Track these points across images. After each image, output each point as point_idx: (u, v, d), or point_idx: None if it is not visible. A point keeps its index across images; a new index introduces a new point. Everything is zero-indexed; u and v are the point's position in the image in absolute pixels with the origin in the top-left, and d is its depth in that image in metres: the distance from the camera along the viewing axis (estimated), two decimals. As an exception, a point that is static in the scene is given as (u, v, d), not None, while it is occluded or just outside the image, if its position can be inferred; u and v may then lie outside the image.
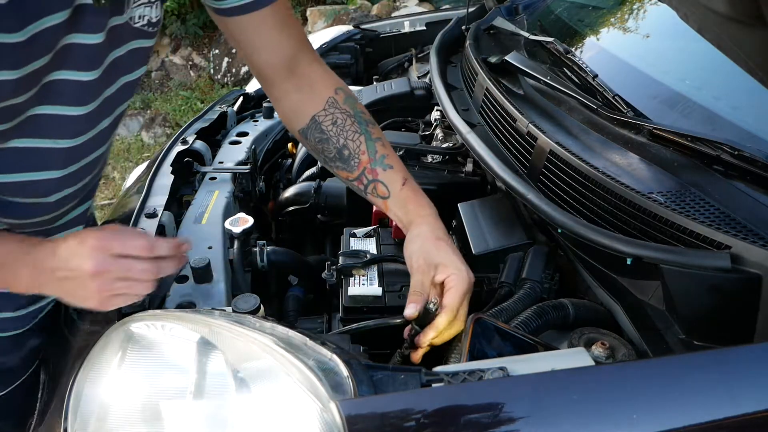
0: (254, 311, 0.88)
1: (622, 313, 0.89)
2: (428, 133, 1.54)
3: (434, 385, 0.69)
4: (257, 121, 1.72)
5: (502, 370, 0.70)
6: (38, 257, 0.80)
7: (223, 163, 1.45)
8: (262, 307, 0.90)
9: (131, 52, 0.89)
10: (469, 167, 1.34)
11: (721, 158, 0.90)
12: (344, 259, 1.11)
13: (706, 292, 0.77)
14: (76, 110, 0.84)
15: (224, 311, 0.89)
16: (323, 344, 0.74)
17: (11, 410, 1.09)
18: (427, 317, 0.88)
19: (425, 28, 2.21)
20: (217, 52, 5.21)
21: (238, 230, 1.11)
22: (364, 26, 2.25)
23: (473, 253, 1.06)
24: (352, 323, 0.97)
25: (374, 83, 1.93)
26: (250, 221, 1.12)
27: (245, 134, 1.62)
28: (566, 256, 1.04)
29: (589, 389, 0.67)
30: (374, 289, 1.04)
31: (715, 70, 1.12)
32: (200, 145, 1.48)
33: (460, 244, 1.13)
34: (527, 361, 0.76)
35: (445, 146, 1.43)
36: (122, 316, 0.85)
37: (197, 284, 1.00)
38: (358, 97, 1.69)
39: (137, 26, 0.87)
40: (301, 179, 1.58)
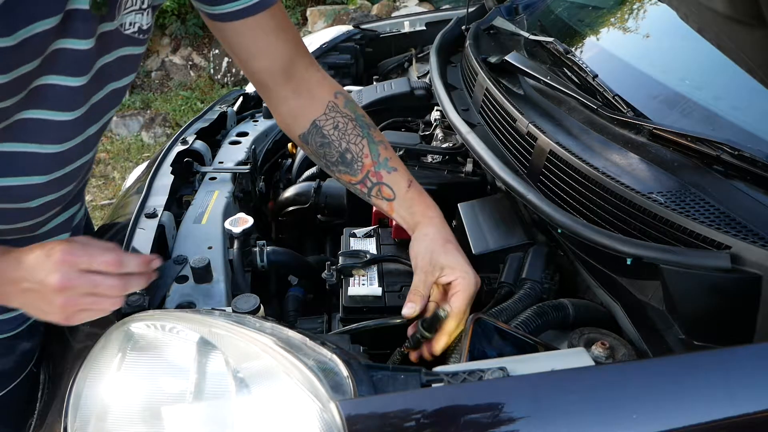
0: (254, 311, 0.88)
1: (622, 313, 0.88)
2: (428, 133, 1.54)
3: (434, 385, 0.69)
4: (257, 121, 1.72)
5: (502, 370, 0.70)
6: (2, 266, 0.77)
7: (223, 163, 1.45)
8: (262, 307, 0.90)
9: (120, 59, 0.88)
10: (469, 167, 1.34)
11: (721, 158, 0.90)
12: (344, 259, 1.11)
13: (706, 292, 0.77)
14: (63, 115, 0.83)
15: (224, 311, 0.89)
16: (323, 344, 0.74)
17: (8, 413, 1.09)
18: (436, 323, 0.88)
19: (425, 28, 2.21)
20: (217, 52, 5.22)
21: (238, 230, 1.11)
22: (364, 26, 2.25)
23: (473, 253, 1.06)
24: (352, 323, 0.97)
25: (374, 83, 1.93)
26: (250, 221, 1.12)
27: (245, 134, 1.62)
28: (566, 256, 1.04)
29: (589, 389, 0.67)
30: (374, 289, 1.04)
31: (715, 70, 1.12)
32: (200, 145, 1.48)
33: (459, 244, 1.13)
34: (527, 361, 0.76)
35: (445, 146, 1.43)
36: (122, 316, 0.85)
37: (197, 284, 1.00)
38: (358, 97, 1.70)
39: (127, 33, 0.86)
40: (301, 179, 1.58)
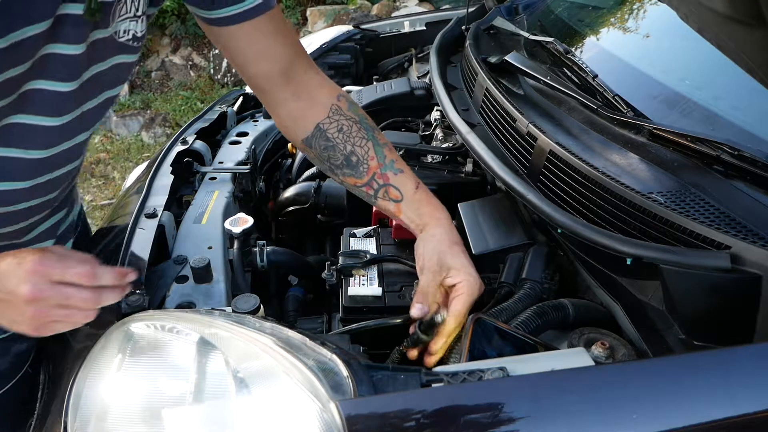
0: (254, 311, 0.88)
1: (622, 313, 0.88)
2: (428, 133, 1.54)
3: (434, 385, 0.69)
4: (257, 121, 1.72)
5: (502, 370, 0.70)
6: None
7: (223, 163, 1.45)
8: (262, 307, 0.90)
9: (114, 66, 0.87)
10: (469, 167, 1.34)
11: (721, 158, 0.90)
12: (344, 259, 1.11)
13: (706, 292, 0.77)
14: (51, 121, 0.83)
15: (224, 311, 0.89)
16: (323, 344, 0.74)
17: (5, 414, 1.09)
18: (434, 327, 0.89)
19: (425, 28, 2.20)
20: (217, 52, 5.22)
21: (237, 230, 1.11)
22: (364, 26, 2.25)
23: (473, 253, 1.06)
24: (352, 323, 0.97)
25: (374, 83, 1.93)
26: (250, 221, 1.12)
27: (245, 134, 1.62)
28: (566, 256, 1.04)
29: (589, 389, 0.67)
30: (374, 289, 1.04)
31: (715, 70, 1.12)
32: (200, 145, 1.48)
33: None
34: (527, 361, 0.76)
35: (445, 146, 1.43)
36: (122, 316, 0.85)
37: (197, 284, 1.00)
38: (358, 97, 1.70)
39: (122, 41, 0.86)
40: (301, 179, 1.58)
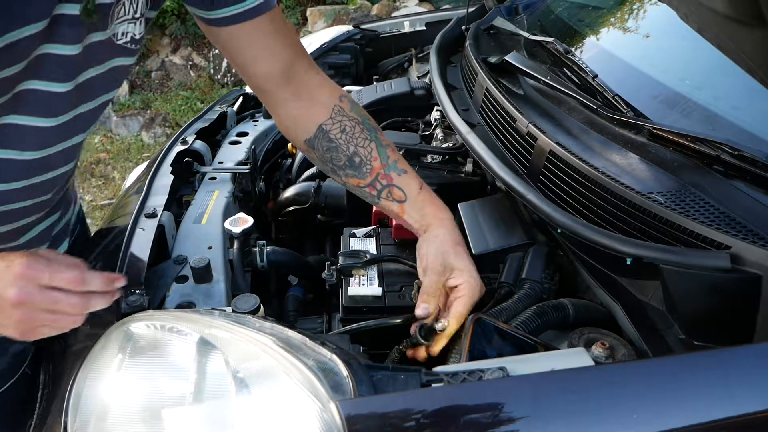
0: (254, 311, 0.88)
1: (622, 313, 0.88)
2: (428, 133, 1.54)
3: (434, 385, 0.69)
4: (257, 121, 1.72)
5: (502, 370, 0.70)
6: None
7: (223, 163, 1.45)
8: (261, 307, 0.90)
9: (112, 69, 0.87)
10: (469, 167, 1.34)
11: (721, 158, 0.90)
12: (344, 259, 1.11)
13: (706, 292, 0.77)
14: (45, 122, 0.82)
15: (224, 311, 0.89)
16: (323, 344, 0.74)
17: (3, 414, 1.08)
18: (432, 333, 0.89)
19: (425, 28, 2.20)
20: (217, 52, 5.22)
21: (237, 230, 1.11)
22: (364, 26, 2.25)
23: (473, 253, 1.06)
24: (352, 323, 0.97)
25: (374, 83, 1.93)
26: (249, 221, 1.12)
27: (245, 134, 1.62)
28: (566, 256, 1.04)
29: (589, 389, 0.67)
30: (374, 289, 1.04)
31: (715, 70, 1.12)
32: (200, 145, 1.48)
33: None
34: (527, 361, 0.76)
35: (445, 146, 1.43)
36: (122, 316, 0.85)
37: (197, 284, 1.00)
38: (358, 97, 1.70)
39: (120, 43, 0.85)
40: (301, 179, 1.57)
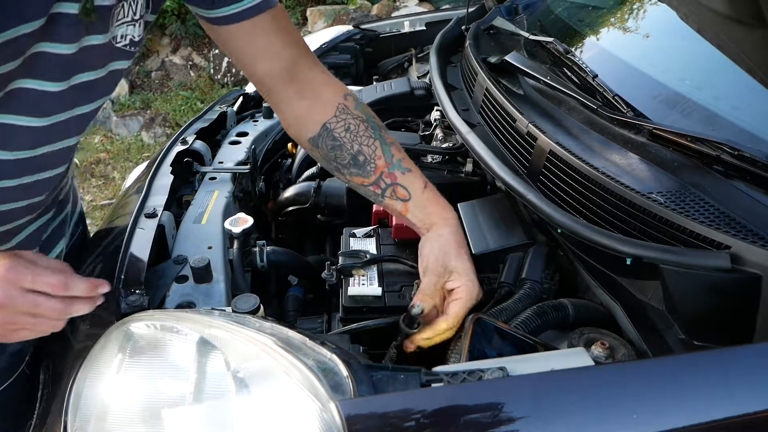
0: (254, 311, 0.88)
1: (622, 313, 0.88)
2: (428, 133, 1.54)
3: (434, 385, 0.69)
4: (257, 121, 1.72)
5: (502, 370, 0.70)
6: None
7: (222, 163, 1.45)
8: (261, 307, 0.90)
9: (110, 73, 0.87)
10: (469, 167, 1.34)
11: (721, 158, 0.90)
12: (344, 259, 1.11)
13: (706, 292, 0.77)
14: (36, 121, 0.82)
15: (224, 311, 0.89)
16: (323, 344, 0.74)
17: (3, 414, 1.08)
18: (413, 320, 0.89)
19: (425, 28, 2.21)
20: (217, 52, 5.22)
21: (237, 230, 1.11)
22: (364, 26, 2.25)
23: (473, 253, 1.06)
24: (352, 323, 0.97)
25: (374, 83, 1.93)
26: (249, 221, 1.12)
27: (245, 134, 1.62)
28: (566, 256, 1.04)
29: (589, 389, 0.67)
30: (374, 289, 1.04)
31: (715, 70, 1.12)
32: (200, 145, 1.48)
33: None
34: (527, 361, 0.76)
35: (445, 146, 1.43)
36: (122, 316, 0.85)
37: (197, 284, 1.00)
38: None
39: (119, 46, 0.85)
40: (301, 179, 1.57)
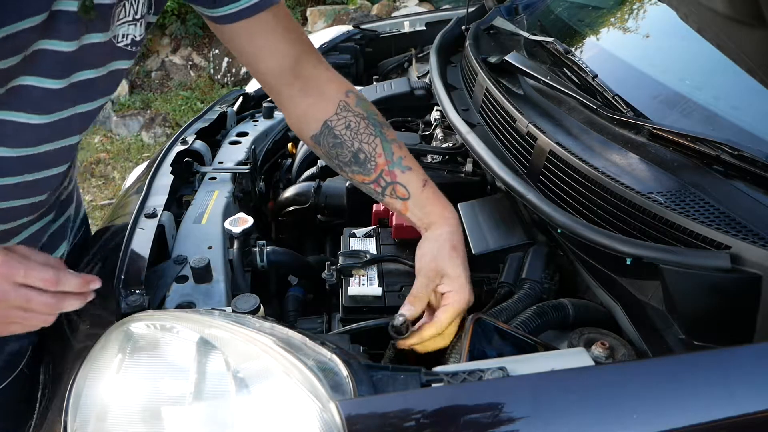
0: (254, 311, 0.88)
1: (622, 313, 0.88)
2: (428, 133, 1.54)
3: (434, 385, 0.69)
4: (257, 121, 1.72)
5: (502, 370, 0.70)
6: None
7: (222, 163, 1.45)
8: (261, 307, 0.90)
9: (111, 72, 0.87)
10: (469, 167, 1.34)
11: (721, 158, 0.90)
12: (344, 259, 1.11)
13: (706, 292, 0.77)
14: (37, 118, 0.82)
15: (224, 311, 0.89)
16: (323, 344, 0.74)
17: (4, 413, 1.08)
18: (400, 327, 0.87)
19: (425, 28, 2.20)
20: (217, 52, 5.22)
21: (237, 230, 1.11)
22: (364, 26, 2.25)
23: (473, 253, 1.06)
24: (352, 323, 0.97)
25: (374, 83, 1.93)
26: (249, 221, 1.12)
27: (245, 134, 1.62)
28: (566, 256, 1.04)
29: (589, 389, 0.67)
30: (374, 289, 1.04)
31: (715, 70, 1.12)
32: (200, 145, 1.48)
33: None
34: (527, 361, 0.76)
35: (445, 146, 1.43)
36: (122, 316, 0.85)
37: (197, 284, 1.00)
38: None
39: (120, 45, 0.85)
40: (301, 179, 1.58)
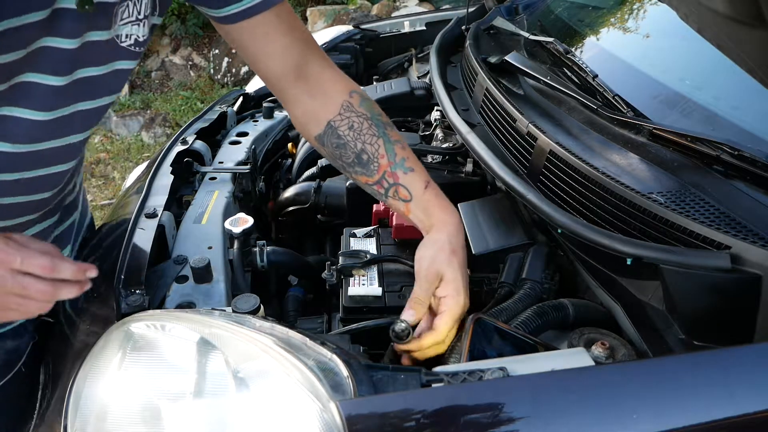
0: (254, 311, 0.88)
1: (622, 313, 0.88)
2: (428, 133, 1.54)
3: (434, 385, 0.69)
4: (257, 121, 1.72)
5: (502, 370, 0.70)
6: None
7: (223, 163, 1.45)
8: (262, 307, 0.90)
9: (114, 72, 0.87)
10: (469, 167, 1.34)
11: (721, 158, 0.90)
12: (344, 259, 1.11)
13: (706, 292, 0.77)
14: (38, 114, 0.82)
15: (224, 311, 0.89)
16: (323, 344, 0.74)
17: (2, 412, 1.08)
18: (401, 334, 0.87)
19: (425, 28, 2.20)
20: (217, 52, 5.22)
21: (237, 230, 1.11)
22: (364, 26, 2.25)
23: (473, 253, 1.06)
24: (352, 323, 0.97)
25: (374, 83, 1.93)
26: (250, 221, 1.12)
27: (245, 134, 1.62)
28: (566, 256, 1.04)
29: (589, 389, 0.67)
30: (374, 289, 1.04)
31: (715, 70, 1.12)
32: (200, 145, 1.48)
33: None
34: (527, 361, 0.76)
35: (445, 146, 1.43)
36: (122, 315, 0.85)
37: (197, 284, 1.00)
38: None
39: (124, 45, 0.85)
40: (301, 179, 1.58)
